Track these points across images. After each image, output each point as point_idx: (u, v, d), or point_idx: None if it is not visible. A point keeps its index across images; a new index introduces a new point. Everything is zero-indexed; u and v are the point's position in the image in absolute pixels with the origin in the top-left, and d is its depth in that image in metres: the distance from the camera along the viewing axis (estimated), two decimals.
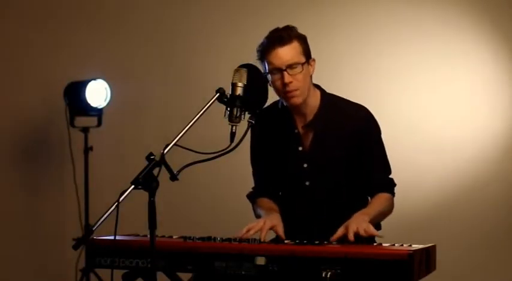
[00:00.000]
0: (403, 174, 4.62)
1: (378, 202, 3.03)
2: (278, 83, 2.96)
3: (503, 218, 4.66)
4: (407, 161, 4.66)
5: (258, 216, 3.13)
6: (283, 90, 2.97)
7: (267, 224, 2.90)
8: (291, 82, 2.94)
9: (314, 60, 3.04)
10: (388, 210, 3.08)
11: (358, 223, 2.80)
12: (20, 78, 5.19)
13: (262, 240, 2.82)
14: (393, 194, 3.11)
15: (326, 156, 3.05)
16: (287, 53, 2.94)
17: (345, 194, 3.07)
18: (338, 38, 4.86)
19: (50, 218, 5.19)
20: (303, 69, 2.95)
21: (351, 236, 2.75)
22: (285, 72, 2.93)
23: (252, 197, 3.23)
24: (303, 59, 2.97)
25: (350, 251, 2.55)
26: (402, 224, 4.55)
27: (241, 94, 2.69)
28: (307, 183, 3.08)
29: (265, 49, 2.97)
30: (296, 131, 3.07)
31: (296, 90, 2.96)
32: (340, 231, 2.81)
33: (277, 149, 3.12)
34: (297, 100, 2.99)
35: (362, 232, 2.76)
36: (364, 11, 4.85)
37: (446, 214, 4.69)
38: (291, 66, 2.94)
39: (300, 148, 3.07)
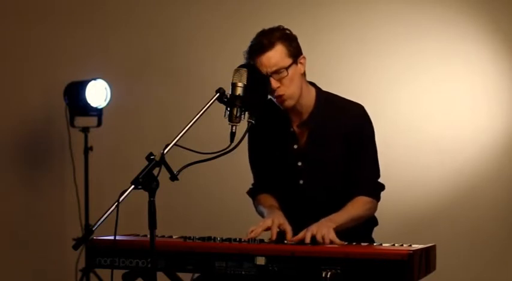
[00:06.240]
0: (403, 174, 4.68)
1: (351, 206, 2.96)
2: (268, 87, 2.93)
3: (503, 218, 4.66)
4: (407, 161, 4.66)
5: (259, 213, 3.13)
6: (272, 95, 2.96)
7: (275, 223, 2.88)
8: (278, 87, 2.92)
9: (304, 57, 2.99)
10: (365, 214, 3.00)
11: (319, 228, 2.77)
12: (20, 78, 5.18)
13: (273, 239, 2.82)
14: (377, 198, 3.04)
15: (321, 154, 3.03)
16: (269, 60, 2.90)
17: (339, 193, 3.03)
18: (338, 38, 4.86)
19: (50, 218, 5.19)
20: (288, 73, 2.92)
21: (308, 238, 2.73)
22: (271, 78, 2.91)
23: (252, 193, 3.22)
24: (288, 62, 2.93)
25: (350, 251, 2.56)
26: (402, 224, 4.55)
27: (241, 94, 2.68)
28: (301, 181, 3.07)
29: (250, 57, 2.94)
30: (292, 129, 3.05)
31: (284, 94, 2.94)
32: (300, 234, 2.79)
33: (273, 147, 3.10)
34: (288, 103, 2.97)
35: (319, 237, 2.73)
36: (363, 11, 4.85)
37: (447, 214, 4.69)
38: (275, 71, 2.91)
39: (295, 146, 3.05)
